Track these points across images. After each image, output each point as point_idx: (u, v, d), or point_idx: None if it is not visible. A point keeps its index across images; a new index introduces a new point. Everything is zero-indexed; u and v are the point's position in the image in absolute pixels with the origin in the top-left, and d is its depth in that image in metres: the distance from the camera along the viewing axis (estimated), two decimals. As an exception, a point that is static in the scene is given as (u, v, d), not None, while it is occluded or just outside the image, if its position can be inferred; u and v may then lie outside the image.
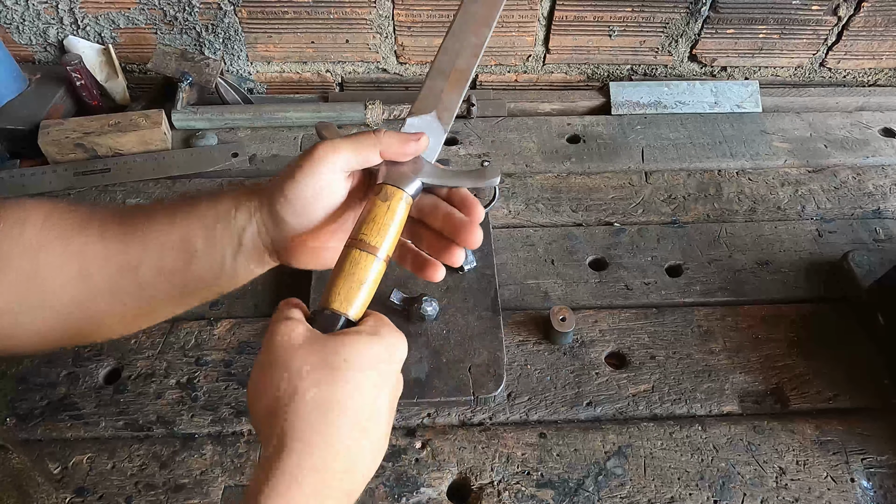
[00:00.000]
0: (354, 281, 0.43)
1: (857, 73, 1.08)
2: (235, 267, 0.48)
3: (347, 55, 1.02)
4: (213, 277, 0.48)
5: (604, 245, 0.82)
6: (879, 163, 0.93)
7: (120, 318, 0.48)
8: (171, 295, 0.48)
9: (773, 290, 0.78)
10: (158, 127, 0.90)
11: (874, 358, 0.71)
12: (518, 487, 0.61)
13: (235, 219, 0.47)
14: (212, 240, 0.46)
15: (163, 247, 0.46)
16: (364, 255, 0.43)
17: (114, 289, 0.47)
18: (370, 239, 0.43)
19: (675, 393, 0.68)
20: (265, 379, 0.40)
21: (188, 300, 0.49)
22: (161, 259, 0.46)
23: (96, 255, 0.46)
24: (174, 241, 0.46)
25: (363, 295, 0.43)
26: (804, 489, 0.62)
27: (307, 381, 0.38)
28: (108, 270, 0.46)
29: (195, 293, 0.49)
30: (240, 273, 0.49)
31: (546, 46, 1.02)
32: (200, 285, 0.48)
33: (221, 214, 0.47)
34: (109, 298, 0.47)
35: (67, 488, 0.61)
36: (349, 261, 0.43)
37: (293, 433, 0.37)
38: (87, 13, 0.95)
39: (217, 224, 0.47)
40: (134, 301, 0.48)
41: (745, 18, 0.98)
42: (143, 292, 0.47)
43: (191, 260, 0.47)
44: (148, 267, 0.46)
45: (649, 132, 0.97)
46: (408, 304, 0.69)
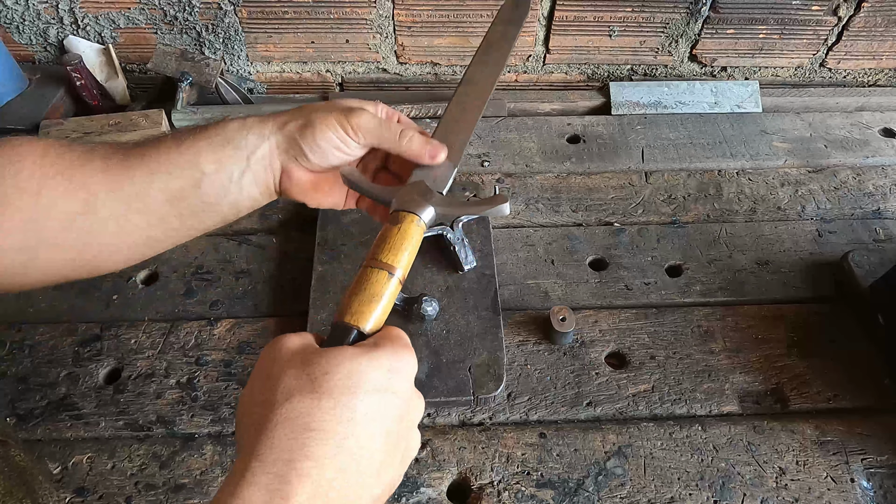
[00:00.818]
0: (366, 295, 0.43)
1: (857, 74, 1.08)
2: (241, 188, 0.49)
3: (347, 55, 1.02)
4: (217, 198, 0.49)
5: (604, 245, 0.82)
6: (879, 163, 0.93)
7: (126, 247, 0.49)
8: (177, 219, 0.49)
9: (773, 290, 0.78)
10: (158, 127, 0.89)
11: (874, 358, 0.71)
12: (518, 487, 0.61)
13: (246, 139, 0.49)
14: (220, 161, 0.48)
15: (170, 171, 0.48)
16: (377, 271, 0.44)
17: (120, 218, 0.47)
18: (383, 257, 0.45)
19: (675, 393, 0.68)
20: (249, 390, 0.38)
21: (192, 225, 0.51)
22: (168, 183, 0.48)
23: (101, 187, 0.46)
24: (183, 164, 0.48)
25: (377, 309, 0.43)
26: (804, 489, 0.62)
27: (282, 393, 0.35)
28: (114, 200, 0.47)
29: (200, 217, 0.50)
30: (243, 197, 0.50)
31: (546, 46, 1.02)
32: (206, 208, 0.50)
33: (230, 136, 0.49)
34: (116, 229, 0.47)
35: (67, 488, 0.61)
36: (363, 277, 0.44)
37: (257, 447, 0.34)
38: (87, 13, 0.95)
39: (227, 145, 0.49)
40: (141, 229, 0.48)
41: (745, 18, 0.98)
42: (150, 218, 0.48)
43: (199, 180, 0.48)
44: (156, 191, 0.47)
45: (649, 132, 0.97)
46: (408, 305, 0.69)
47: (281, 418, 0.34)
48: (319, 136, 0.48)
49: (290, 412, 0.34)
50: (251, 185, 0.50)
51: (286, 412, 0.34)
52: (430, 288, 0.73)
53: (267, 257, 0.80)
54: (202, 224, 0.51)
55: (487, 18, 0.96)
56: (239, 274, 0.78)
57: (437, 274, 0.75)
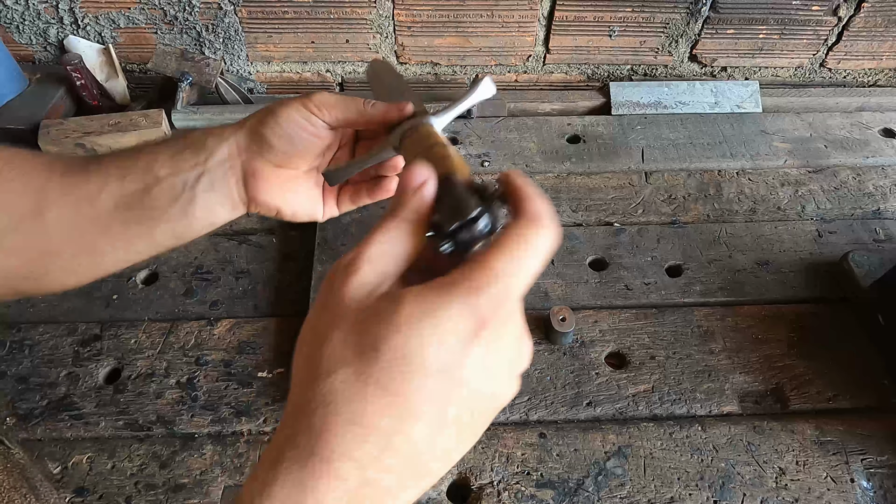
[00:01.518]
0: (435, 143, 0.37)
1: (857, 74, 1.08)
2: (194, 195, 0.46)
3: (347, 55, 1.02)
4: (167, 204, 0.46)
5: (604, 245, 0.82)
6: (879, 163, 0.93)
7: (72, 255, 0.46)
8: (122, 227, 0.46)
9: (773, 290, 0.78)
10: (158, 127, 0.89)
11: (874, 358, 0.71)
12: (518, 487, 0.61)
13: (205, 143, 0.46)
14: (175, 165, 0.46)
15: (125, 175, 0.45)
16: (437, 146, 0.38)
17: (67, 223, 0.45)
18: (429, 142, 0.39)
19: (674, 393, 0.68)
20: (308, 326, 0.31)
21: (138, 234, 0.47)
22: (121, 186, 0.45)
23: (54, 191, 0.45)
24: (137, 169, 0.46)
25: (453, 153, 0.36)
26: (804, 489, 0.62)
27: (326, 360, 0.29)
28: (64, 203, 0.45)
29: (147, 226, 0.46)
30: (197, 206, 0.46)
31: (546, 46, 1.02)
32: (154, 215, 0.46)
33: (190, 142, 0.47)
34: (62, 235, 0.45)
35: (67, 488, 0.61)
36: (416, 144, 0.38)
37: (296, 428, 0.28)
38: (87, 13, 0.95)
39: (185, 150, 0.46)
40: (89, 233, 0.46)
41: (745, 18, 0.98)
42: (100, 223, 0.45)
43: (152, 185, 0.45)
44: (107, 194, 0.45)
45: (649, 132, 0.97)
46: None
47: (321, 400, 0.28)
48: (282, 118, 0.46)
49: (331, 395, 0.28)
50: (207, 191, 0.46)
51: (326, 393, 0.28)
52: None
53: (267, 257, 0.80)
54: (149, 236, 0.47)
55: (487, 18, 0.96)
56: (239, 274, 0.78)
57: (437, 274, 0.75)
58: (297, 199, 0.49)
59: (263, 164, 0.47)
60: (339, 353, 0.28)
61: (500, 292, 0.29)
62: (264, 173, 0.47)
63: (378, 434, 0.27)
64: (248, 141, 0.46)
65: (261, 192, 0.47)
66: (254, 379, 0.69)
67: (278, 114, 0.46)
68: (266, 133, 0.46)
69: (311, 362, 0.29)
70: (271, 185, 0.47)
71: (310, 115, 0.46)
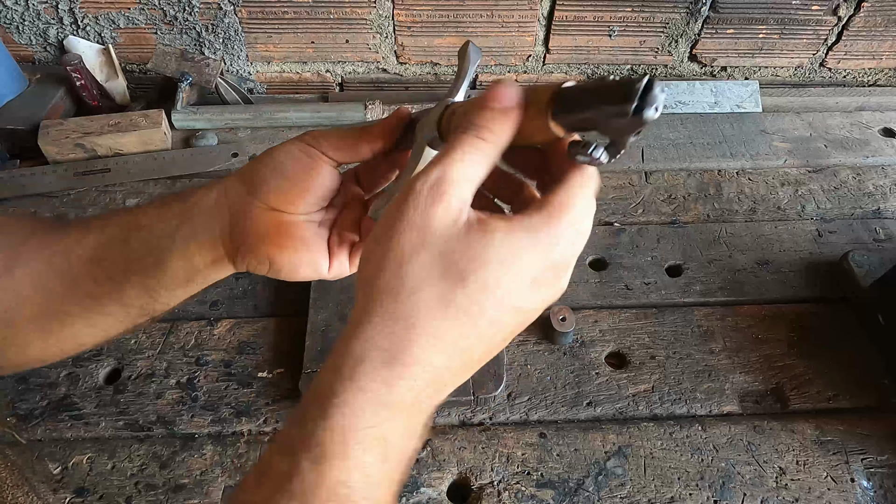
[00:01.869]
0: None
1: (857, 73, 1.08)
2: (172, 243, 0.42)
3: (347, 55, 1.02)
4: (142, 255, 0.42)
5: (604, 245, 0.82)
6: (879, 163, 0.93)
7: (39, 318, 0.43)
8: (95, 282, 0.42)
9: (772, 290, 0.78)
10: (158, 127, 0.90)
11: (874, 358, 0.71)
12: (518, 487, 0.61)
13: (194, 192, 0.43)
14: (160, 214, 0.43)
15: (105, 226, 0.43)
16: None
17: (36, 280, 0.42)
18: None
19: (675, 393, 0.68)
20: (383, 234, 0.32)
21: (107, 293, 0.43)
22: (98, 237, 0.42)
23: (32, 247, 0.42)
24: (121, 219, 0.43)
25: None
26: (804, 489, 0.62)
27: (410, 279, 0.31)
28: (37, 258, 0.42)
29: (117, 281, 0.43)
30: (174, 256, 0.42)
31: (546, 46, 1.02)
32: (127, 268, 0.42)
33: (181, 193, 0.44)
34: (33, 288, 0.42)
35: (67, 488, 0.61)
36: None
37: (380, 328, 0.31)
38: (87, 13, 0.95)
39: (173, 201, 0.43)
40: (57, 289, 0.42)
41: (745, 18, 0.98)
42: (70, 278, 0.42)
43: (128, 237, 0.42)
44: (84, 246, 0.42)
45: (649, 132, 0.97)
46: None
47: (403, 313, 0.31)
48: (276, 152, 0.42)
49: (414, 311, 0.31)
50: (187, 239, 0.42)
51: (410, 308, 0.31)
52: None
53: (267, 257, 0.80)
54: (119, 292, 0.43)
55: (487, 18, 0.96)
56: (239, 274, 0.78)
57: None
58: (295, 248, 0.43)
59: (254, 205, 0.42)
60: (426, 275, 0.31)
61: (575, 241, 0.33)
62: (254, 214, 0.41)
63: (452, 349, 0.32)
64: (238, 182, 0.42)
65: (252, 239, 0.42)
66: (254, 379, 0.69)
67: (272, 150, 0.43)
68: (259, 168, 0.42)
69: (393, 277, 0.31)
70: (262, 227, 0.42)
71: (308, 147, 0.42)
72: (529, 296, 0.33)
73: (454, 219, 0.32)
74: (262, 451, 0.64)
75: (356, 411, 0.30)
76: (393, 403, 0.31)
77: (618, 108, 0.28)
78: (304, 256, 0.44)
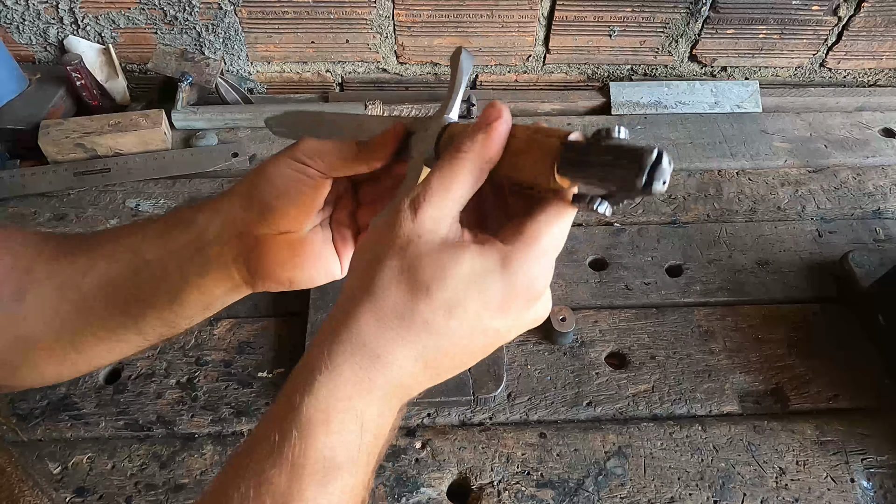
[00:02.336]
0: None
1: (857, 74, 1.08)
2: (183, 277, 0.42)
3: (347, 55, 1.02)
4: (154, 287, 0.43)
5: (604, 245, 0.82)
6: (879, 163, 0.93)
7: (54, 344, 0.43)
8: (105, 311, 0.43)
9: (773, 290, 0.78)
10: (158, 127, 0.90)
11: (874, 358, 0.71)
12: (518, 487, 0.61)
13: (196, 220, 0.43)
14: (164, 245, 0.43)
15: (112, 254, 0.43)
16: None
17: (48, 308, 0.42)
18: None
19: (675, 393, 0.68)
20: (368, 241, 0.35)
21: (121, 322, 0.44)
22: (107, 267, 0.42)
23: (40, 272, 0.42)
24: (126, 247, 0.43)
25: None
26: (804, 489, 0.62)
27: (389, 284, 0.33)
28: (47, 286, 0.42)
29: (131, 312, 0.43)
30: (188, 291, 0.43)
31: (546, 46, 1.02)
32: (140, 297, 0.43)
33: (181, 217, 0.43)
34: (40, 320, 0.42)
35: (67, 488, 0.61)
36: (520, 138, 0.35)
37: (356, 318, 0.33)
38: (87, 13, 0.95)
39: (175, 228, 0.43)
40: (72, 317, 0.43)
41: (745, 18, 0.98)
42: (83, 307, 0.43)
43: (138, 269, 0.42)
44: (93, 276, 0.42)
45: (649, 132, 0.97)
46: None
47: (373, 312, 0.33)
48: (274, 176, 0.42)
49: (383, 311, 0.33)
50: (202, 273, 0.42)
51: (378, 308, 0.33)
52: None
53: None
54: (135, 326, 0.44)
55: (487, 18, 0.96)
56: (239, 274, 0.78)
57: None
58: (311, 262, 0.44)
59: (265, 234, 0.42)
60: (395, 280, 0.33)
61: (541, 274, 0.34)
62: (268, 244, 0.42)
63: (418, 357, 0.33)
64: (242, 209, 0.42)
65: (268, 266, 0.43)
66: (254, 379, 0.69)
67: (269, 173, 0.42)
68: (261, 197, 0.42)
69: (366, 276, 0.34)
70: (278, 254, 0.43)
71: (302, 166, 0.42)
72: (497, 319, 0.34)
73: (431, 234, 0.33)
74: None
75: (339, 386, 0.33)
76: (370, 389, 0.33)
77: (627, 180, 0.29)
78: (320, 268, 0.45)
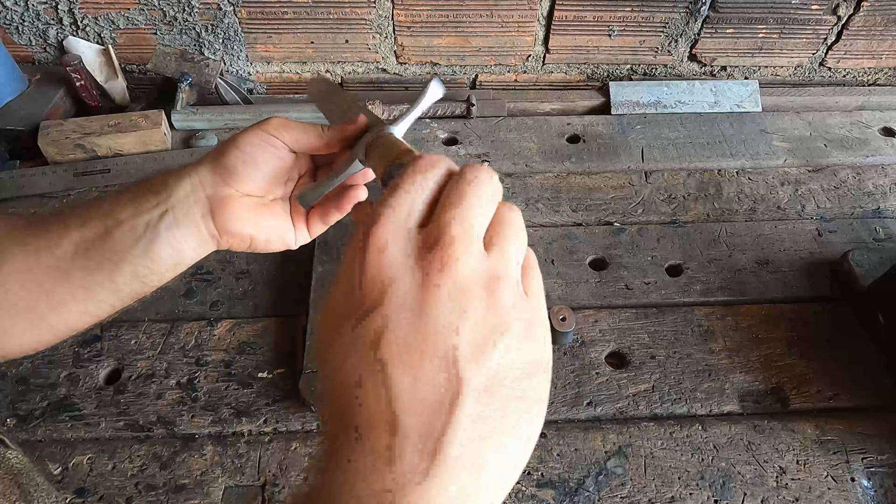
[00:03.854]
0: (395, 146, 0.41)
1: (857, 73, 1.08)
2: (156, 234, 0.45)
3: (347, 55, 1.02)
4: (128, 246, 0.45)
5: (604, 245, 0.82)
6: (879, 162, 0.93)
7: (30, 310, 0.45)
8: (85, 272, 0.45)
9: (773, 289, 0.78)
10: (158, 127, 0.90)
11: (874, 357, 0.71)
12: (518, 487, 0.61)
13: (166, 183, 0.46)
14: (136, 206, 0.46)
15: (85, 220, 0.45)
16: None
17: (25, 274, 0.45)
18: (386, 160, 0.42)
19: (675, 393, 0.68)
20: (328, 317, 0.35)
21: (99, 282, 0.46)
22: (81, 232, 0.45)
23: (14, 242, 0.45)
24: (99, 213, 0.46)
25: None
26: (804, 488, 0.62)
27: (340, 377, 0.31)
28: (24, 252, 0.45)
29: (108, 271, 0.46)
30: (160, 244, 0.46)
31: (546, 46, 1.02)
32: (115, 258, 0.45)
33: (152, 183, 0.47)
34: (18, 286, 0.44)
35: (68, 489, 0.61)
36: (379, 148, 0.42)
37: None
38: (86, 14, 0.95)
39: (146, 192, 0.46)
40: (47, 283, 0.45)
41: (744, 18, 0.98)
42: (58, 271, 0.45)
43: (112, 228, 0.45)
44: (67, 241, 0.45)
45: (649, 132, 0.97)
46: None
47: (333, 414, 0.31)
48: (243, 143, 0.46)
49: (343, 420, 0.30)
50: (171, 229, 0.46)
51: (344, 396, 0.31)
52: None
53: (267, 257, 0.80)
54: (111, 282, 0.46)
55: (487, 18, 0.96)
56: (239, 274, 0.78)
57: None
58: (269, 226, 0.49)
59: (230, 193, 0.47)
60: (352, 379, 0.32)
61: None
62: (232, 202, 0.47)
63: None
64: (210, 173, 0.46)
65: (232, 222, 0.47)
66: (254, 379, 0.69)
67: (238, 141, 0.47)
68: (229, 161, 0.46)
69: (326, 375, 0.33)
70: (241, 212, 0.47)
71: (270, 136, 0.47)
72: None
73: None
74: (261, 451, 0.64)
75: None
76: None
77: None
78: (276, 232, 0.50)
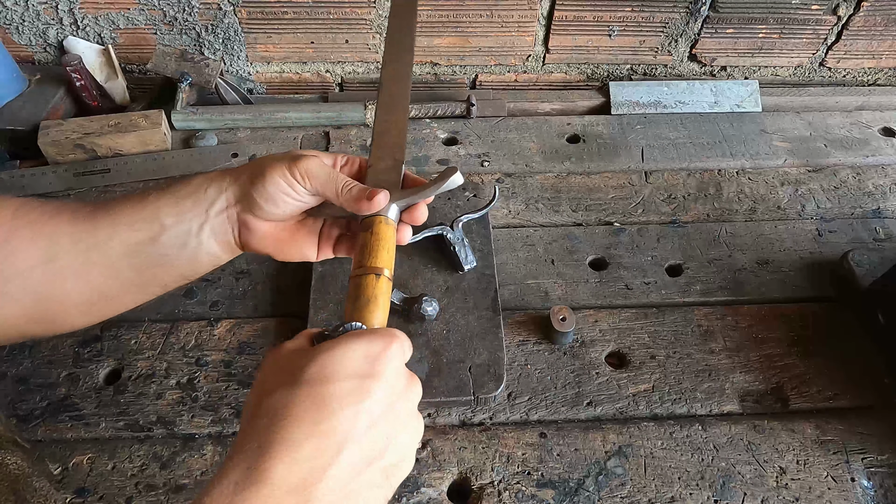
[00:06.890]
0: (362, 300, 0.45)
1: (857, 73, 1.08)
2: (200, 242, 0.50)
3: (347, 55, 1.02)
4: (176, 252, 0.50)
5: (604, 245, 0.82)
6: (879, 162, 0.93)
7: (84, 301, 0.49)
8: (133, 272, 0.50)
9: (773, 289, 0.78)
10: (158, 127, 0.90)
11: (874, 357, 0.71)
12: (518, 487, 0.61)
13: (206, 192, 0.50)
14: (180, 213, 0.49)
15: (132, 224, 0.49)
16: (365, 277, 0.46)
17: (80, 268, 0.48)
18: (367, 262, 0.47)
19: (675, 393, 0.68)
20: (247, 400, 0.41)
21: (148, 280, 0.51)
22: (130, 234, 0.49)
23: (64, 237, 0.48)
24: (144, 217, 0.49)
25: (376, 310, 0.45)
26: (804, 489, 0.62)
27: (265, 392, 0.38)
28: (75, 250, 0.48)
29: (155, 272, 0.50)
30: (202, 252, 0.51)
31: (546, 46, 1.02)
32: (163, 261, 0.50)
33: (192, 189, 0.50)
34: (73, 281, 0.48)
35: (68, 489, 0.61)
36: (354, 286, 0.46)
37: (239, 439, 0.37)
38: (86, 14, 0.95)
39: (188, 199, 0.50)
40: (97, 283, 0.49)
41: (744, 18, 0.98)
42: (110, 269, 0.49)
43: (159, 233, 0.49)
44: (117, 242, 0.48)
45: (649, 132, 0.97)
46: (408, 304, 0.69)
47: (261, 412, 0.37)
48: (269, 182, 0.49)
49: (269, 406, 0.37)
50: (210, 238, 0.50)
51: (266, 406, 0.37)
52: (430, 288, 0.73)
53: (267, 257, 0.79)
54: (158, 280, 0.51)
55: (487, 18, 0.96)
56: (239, 274, 0.78)
57: (437, 274, 0.75)
58: (287, 246, 0.54)
59: (253, 218, 0.51)
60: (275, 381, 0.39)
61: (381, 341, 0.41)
62: (253, 226, 0.51)
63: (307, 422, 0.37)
64: (240, 196, 0.50)
65: (252, 241, 0.52)
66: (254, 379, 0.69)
67: (266, 176, 0.49)
68: (254, 195, 0.49)
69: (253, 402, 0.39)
70: (261, 235, 0.52)
71: (294, 182, 0.49)
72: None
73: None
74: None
75: None
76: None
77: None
78: (294, 250, 0.54)
